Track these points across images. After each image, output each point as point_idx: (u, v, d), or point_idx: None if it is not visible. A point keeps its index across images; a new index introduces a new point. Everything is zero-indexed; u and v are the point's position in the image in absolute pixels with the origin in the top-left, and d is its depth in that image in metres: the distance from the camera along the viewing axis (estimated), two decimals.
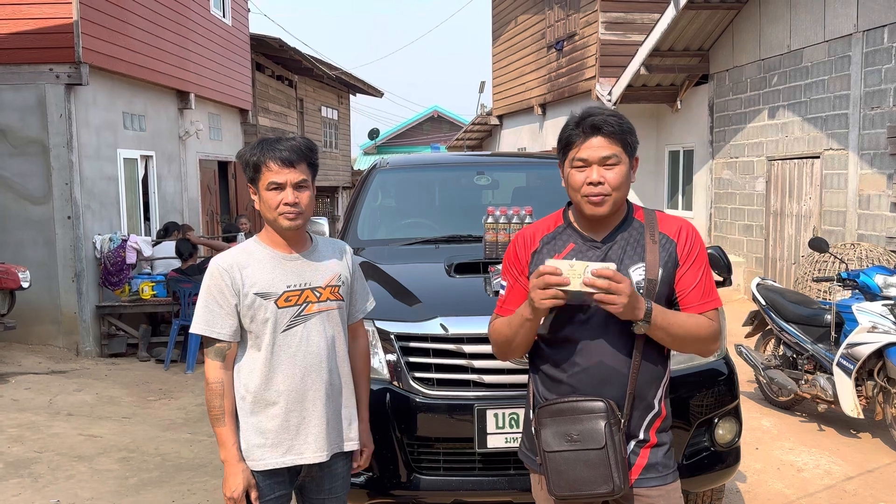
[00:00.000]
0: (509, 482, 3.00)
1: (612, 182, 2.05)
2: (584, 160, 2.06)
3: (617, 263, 2.05)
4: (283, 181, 2.30)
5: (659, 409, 2.13)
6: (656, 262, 2.08)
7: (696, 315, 2.09)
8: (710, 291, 2.12)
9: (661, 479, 2.11)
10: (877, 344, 4.78)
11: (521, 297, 2.16)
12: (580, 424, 2.04)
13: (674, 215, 2.24)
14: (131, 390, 6.74)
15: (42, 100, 7.95)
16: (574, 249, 2.13)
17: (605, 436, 2.01)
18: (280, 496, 2.42)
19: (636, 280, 2.07)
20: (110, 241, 8.40)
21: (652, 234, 2.12)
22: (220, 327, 2.32)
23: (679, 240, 2.12)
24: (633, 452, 2.10)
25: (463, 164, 5.25)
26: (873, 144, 8.01)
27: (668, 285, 2.11)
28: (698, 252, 2.12)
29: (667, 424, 2.16)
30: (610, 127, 2.04)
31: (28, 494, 4.28)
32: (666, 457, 2.14)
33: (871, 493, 4.28)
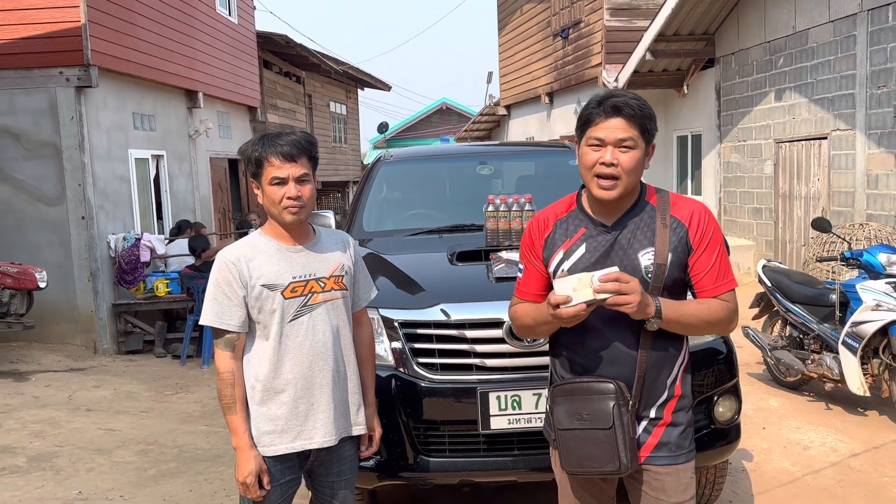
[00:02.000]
0: (513, 462, 3.08)
1: (624, 165, 2.06)
2: (601, 140, 2.07)
3: (626, 248, 2.11)
4: (285, 175, 2.37)
5: (673, 390, 2.15)
6: (666, 246, 2.08)
7: (708, 300, 2.11)
8: (724, 273, 2.12)
9: (671, 459, 2.14)
10: (881, 322, 4.80)
11: (536, 281, 2.24)
12: (590, 404, 2.10)
13: (688, 198, 2.24)
14: (149, 385, 6.88)
15: (53, 103, 8.09)
16: (584, 234, 2.16)
17: (612, 416, 2.06)
18: (290, 480, 2.50)
19: (644, 265, 2.08)
20: (124, 241, 8.54)
21: (663, 218, 2.11)
22: (229, 318, 2.39)
23: (691, 224, 2.11)
24: (646, 430, 2.14)
25: (465, 154, 5.32)
26: (880, 123, 7.99)
27: (680, 269, 2.12)
28: (712, 235, 2.11)
29: (684, 404, 2.18)
30: (630, 110, 2.06)
31: (50, 487, 4.42)
32: (681, 437, 2.16)
33: (877, 469, 4.32)
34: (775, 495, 4.03)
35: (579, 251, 2.15)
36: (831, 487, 4.11)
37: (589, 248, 2.14)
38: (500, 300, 3.16)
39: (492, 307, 3.12)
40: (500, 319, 3.06)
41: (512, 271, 3.37)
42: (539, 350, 3.06)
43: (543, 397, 3.02)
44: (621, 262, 2.10)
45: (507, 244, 3.72)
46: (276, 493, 2.46)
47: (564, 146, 5.26)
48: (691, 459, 2.18)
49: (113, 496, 4.27)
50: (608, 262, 2.10)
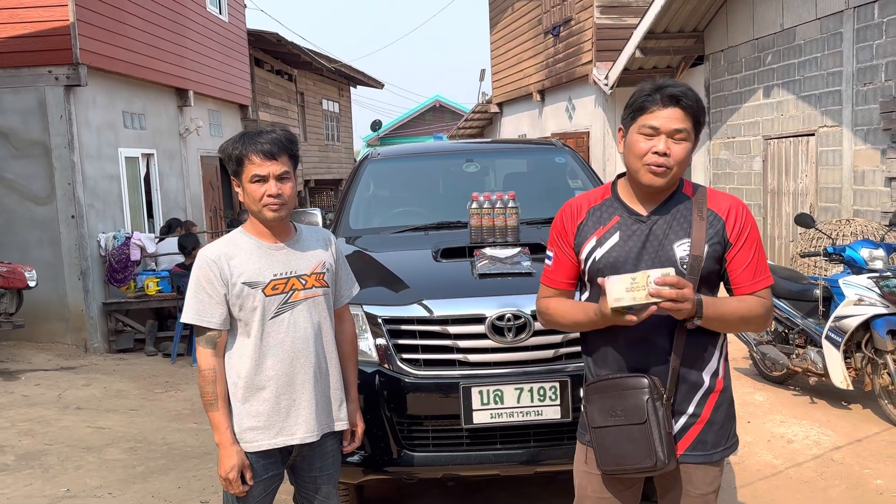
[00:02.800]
0: (496, 456, 3.12)
1: (676, 156, 2.03)
2: (655, 129, 2.03)
3: (661, 238, 2.09)
4: (265, 173, 2.38)
5: (712, 383, 2.11)
6: (702, 238, 2.06)
7: (747, 297, 2.09)
8: (763, 270, 2.10)
9: (706, 457, 2.11)
10: (863, 316, 4.86)
11: (566, 269, 2.21)
12: (624, 400, 2.07)
13: (725, 192, 2.21)
14: (139, 384, 6.90)
15: (42, 102, 8.08)
16: (619, 223, 2.14)
17: (647, 411, 2.03)
18: (273, 476, 2.53)
19: (680, 255, 2.06)
20: (114, 239, 8.55)
21: (700, 211, 2.09)
22: (209, 316, 2.42)
23: (728, 218, 2.09)
24: (683, 428, 2.11)
25: (452, 152, 5.35)
26: (866, 120, 8.04)
27: (716, 262, 2.09)
28: (749, 231, 2.09)
29: (724, 399, 2.14)
30: (688, 101, 2.03)
31: (39, 484, 4.43)
32: (719, 434, 2.12)
33: (858, 461, 4.37)
34: (758, 488, 4.08)
35: (612, 239, 2.13)
36: (813, 480, 4.16)
37: (623, 236, 2.12)
38: (483, 296, 3.21)
39: (474, 303, 3.16)
40: (483, 315, 3.10)
41: (496, 268, 3.41)
42: (521, 345, 3.10)
43: (525, 392, 3.06)
44: (656, 252, 2.09)
45: (490, 241, 3.75)
46: (259, 489, 2.49)
47: (551, 143, 5.30)
48: (726, 456, 2.16)
49: (101, 493, 4.29)
50: (643, 251, 2.09)
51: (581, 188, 4.56)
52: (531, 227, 4.07)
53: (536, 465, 3.13)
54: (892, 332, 4.75)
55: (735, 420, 2.20)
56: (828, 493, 3.99)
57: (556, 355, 3.12)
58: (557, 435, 3.10)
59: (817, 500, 3.92)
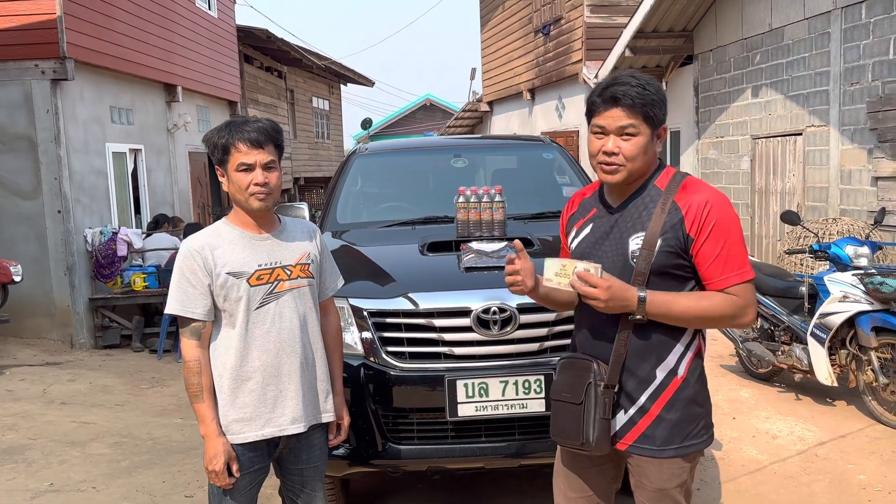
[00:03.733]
0: (481, 449, 3.12)
1: (626, 153, 2.07)
2: (602, 128, 2.10)
3: (622, 231, 2.13)
4: (252, 162, 2.37)
5: (666, 381, 2.10)
6: (657, 232, 2.06)
7: (712, 294, 2.06)
8: (732, 265, 2.05)
9: (655, 452, 2.11)
10: (848, 313, 4.89)
11: (565, 255, 2.34)
12: (572, 379, 2.16)
13: (705, 185, 2.16)
14: (125, 379, 6.86)
15: (28, 96, 8.01)
16: (594, 215, 2.24)
17: (584, 393, 2.11)
18: (259, 468, 2.51)
19: (632, 249, 2.09)
20: (101, 235, 8.49)
21: (664, 203, 2.09)
22: (194, 307, 2.40)
23: (688, 212, 2.06)
24: (631, 419, 2.13)
25: (440, 147, 5.35)
26: (853, 120, 8.09)
27: (674, 256, 2.07)
28: (714, 224, 2.04)
29: (681, 399, 2.10)
30: (629, 99, 2.05)
31: (22, 479, 4.40)
32: (670, 432, 2.10)
33: (842, 456, 4.40)
34: (742, 483, 4.10)
35: (586, 230, 2.23)
36: (797, 475, 4.18)
37: (594, 228, 2.21)
38: (469, 289, 3.20)
39: (460, 296, 3.16)
40: (468, 308, 3.10)
41: (482, 261, 3.40)
42: (506, 339, 3.10)
43: (510, 385, 3.06)
44: (615, 244, 2.13)
45: (477, 235, 3.75)
46: (245, 481, 2.47)
47: (539, 139, 5.30)
48: (682, 455, 2.12)
49: (85, 487, 4.26)
50: (605, 243, 2.16)
51: (568, 184, 4.57)
52: (518, 221, 4.07)
53: (521, 457, 3.13)
54: (876, 328, 4.78)
55: (699, 421, 2.13)
56: (811, 488, 4.01)
57: (542, 348, 3.12)
58: (542, 428, 3.07)
59: (801, 494, 3.95)
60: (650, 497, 2.19)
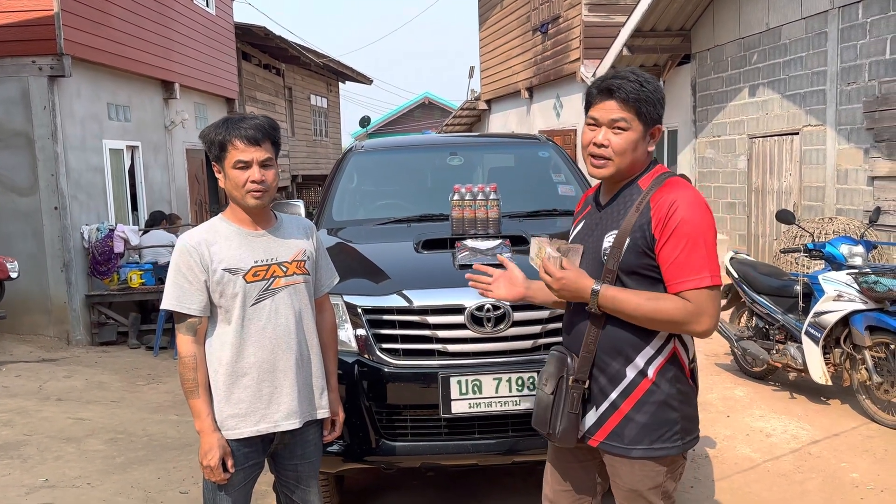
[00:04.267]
0: (474, 446, 3.13)
1: (616, 146, 2.07)
2: (595, 120, 2.11)
3: (602, 228, 2.17)
4: (249, 159, 2.38)
5: (636, 380, 2.08)
6: (627, 231, 2.06)
7: (663, 296, 2.02)
8: (690, 269, 1.99)
9: (624, 450, 2.11)
10: (842, 312, 4.91)
11: None
12: (551, 370, 2.21)
13: (683, 187, 2.11)
14: (120, 376, 6.86)
15: (25, 92, 8.00)
16: (588, 212, 2.30)
17: (555, 384, 2.17)
18: (254, 464, 2.52)
19: (604, 246, 2.11)
20: (97, 231, 8.48)
21: (640, 203, 2.08)
22: (189, 303, 2.41)
23: (656, 212, 2.03)
24: (602, 416, 2.13)
25: (436, 145, 5.35)
26: (850, 120, 8.11)
27: (643, 256, 2.05)
28: (677, 226, 1.99)
29: (651, 400, 2.08)
30: (622, 92, 2.05)
31: (17, 475, 4.40)
32: (639, 432, 2.08)
33: (835, 455, 4.42)
34: (735, 481, 4.11)
35: (579, 226, 2.30)
36: (790, 473, 4.20)
37: (584, 225, 2.28)
38: (463, 287, 3.19)
39: (454, 293, 3.16)
40: (462, 305, 3.10)
41: (476, 259, 3.41)
42: (500, 336, 3.11)
43: (504, 382, 3.07)
44: (594, 241, 2.17)
45: (472, 232, 3.76)
46: (240, 477, 2.48)
47: (535, 138, 5.31)
48: (653, 458, 2.09)
49: (80, 483, 4.26)
50: (589, 240, 2.20)
51: (564, 182, 4.58)
52: (513, 219, 4.08)
53: (514, 454, 3.14)
54: (870, 327, 4.80)
55: (672, 427, 2.08)
56: (804, 486, 4.03)
57: (535, 346, 3.12)
58: None
59: (793, 492, 3.96)
60: (624, 497, 2.20)
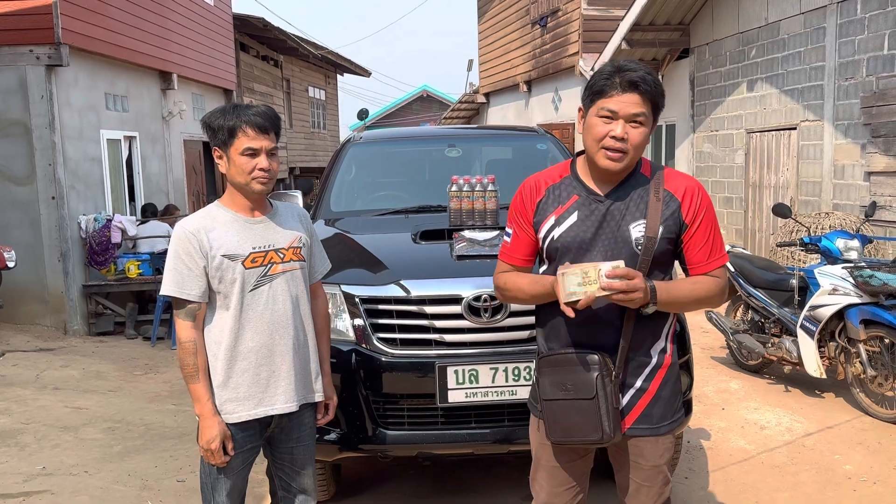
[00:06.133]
0: (470, 435, 3.14)
1: (633, 140, 2.06)
2: (614, 112, 2.05)
3: (618, 219, 2.12)
4: (258, 147, 2.42)
5: (659, 360, 2.17)
6: (657, 219, 2.09)
7: (700, 278, 2.14)
8: (717, 249, 2.15)
9: (653, 430, 2.18)
10: (837, 305, 4.93)
11: (525, 246, 2.24)
12: (574, 375, 2.12)
13: (683, 173, 2.23)
14: (118, 366, 6.87)
15: (23, 81, 7.98)
16: (577, 202, 2.17)
17: (595, 386, 2.09)
18: (251, 448, 2.56)
19: (635, 237, 2.09)
20: (95, 221, 8.47)
21: (657, 192, 2.12)
22: (189, 288, 2.43)
23: (684, 199, 2.12)
24: (630, 402, 2.17)
25: (434, 137, 5.36)
26: (847, 115, 8.12)
27: (669, 243, 2.13)
28: (705, 212, 2.13)
29: (671, 375, 2.20)
30: (647, 86, 2.04)
31: (14, 462, 4.42)
32: (665, 408, 2.18)
33: (829, 447, 4.45)
34: (729, 472, 4.14)
35: (571, 218, 2.16)
36: (784, 465, 4.22)
37: (581, 216, 2.15)
38: (460, 277, 3.23)
39: (451, 284, 3.18)
40: (459, 295, 3.12)
41: (474, 250, 3.43)
42: (496, 326, 3.12)
43: (500, 372, 3.09)
44: (613, 232, 2.12)
45: (469, 223, 3.77)
46: (238, 460, 2.51)
47: (533, 130, 5.32)
48: (673, 429, 2.23)
49: (77, 471, 4.28)
50: (600, 232, 2.12)
51: None
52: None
53: (510, 444, 3.16)
54: (865, 321, 4.82)
55: (681, 395, 2.26)
56: (797, 478, 4.05)
57: (531, 336, 3.13)
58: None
59: (787, 483, 3.99)
60: (646, 476, 2.22)
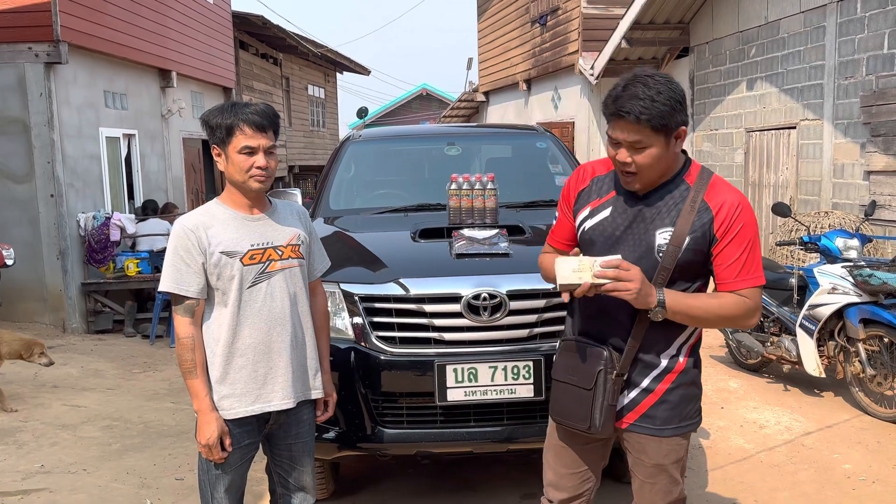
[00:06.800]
0: (469, 434, 3.14)
1: (640, 163, 2.05)
2: (616, 140, 2.08)
3: (647, 222, 2.12)
4: (256, 145, 2.42)
5: (670, 365, 2.16)
6: (686, 230, 2.07)
7: (724, 294, 2.09)
8: (749, 269, 2.08)
9: (655, 431, 2.19)
10: (836, 305, 4.93)
11: (565, 230, 2.33)
12: (581, 363, 2.20)
13: (731, 186, 2.17)
14: (116, 364, 6.86)
15: (22, 79, 7.97)
16: (613, 198, 2.20)
17: (596, 379, 2.16)
18: (249, 444, 2.55)
19: (659, 243, 2.09)
20: (94, 219, 8.47)
21: (693, 201, 2.09)
22: (187, 285, 2.43)
23: (719, 213, 2.07)
24: (634, 400, 2.20)
25: (434, 135, 5.35)
26: (847, 114, 8.12)
27: (699, 255, 2.10)
28: (741, 229, 2.07)
29: (684, 380, 2.18)
30: (633, 116, 2.00)
31: (13, 460, 4.41)
32: (671, 412, 2.17)
33: (828, 446, 4.45)
34: (728, 471, 4.14)
35: (604, 213, 2.19)
36: (783, 464, 4.22)
37: (614, 212, 2.17)
38: (460, 275, 3.22)
39: (451, 282, 3.17)
40: (459, 294, 3.11)
41: (473, 248, 3.42)
42: (496, 325, 3.12)
43: (499, 370, 3.08)
44: (639, 235, 2.13)
45: (469, 222, 3.77)
46: (236, 457, 2.51)
47: (533, 128, 5.31)
48: (680, 434, 2.21)
49: (76, 469, 4.27)
50: (627, 232, 2.14)
51: (561, 173, 4.59)
52: (510, 210, 4.09)
53: (509, 443, 3.16)
54: (864, 320, 4.82)
55: (695, 403, 2.23)
56: (796, 477, 4.05)
57: (531, 335, 3.14)
58: (530, 413, 3.13)
59: (786, 483, 3.99)
60: (648, 473, 2.24)
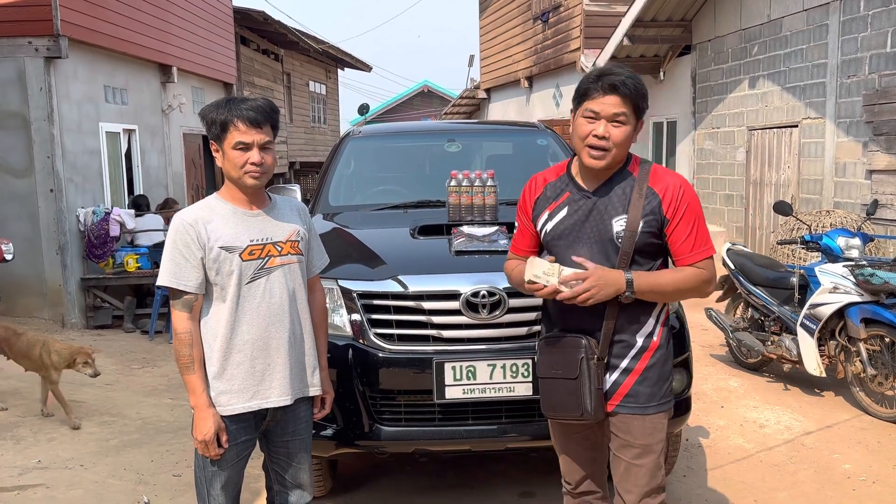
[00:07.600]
0: (467, 431, 3.12)
1: (615, 138, 2.23)
2: (596, 113, 2.23)
3: (602, 213, 2.29)
4: (250, 141, 2.40)
5: (645, 343, 2.30)
6: (638, 215, 2.25)
7: (684, 269, 2.27)
8: (701, 243, 2.28)
9: (640, 409, 2.30)
10: (838, 304, 4.91)
11: (527, 238, 2.48)
12: (563, 356, 2.31)
13: (670, 171, 2.38)
14: (115, 359, 6.85)
15: (22, 73, 7.95)
16: (568, 198, 2.36)
17: (580, 367, 2.27)
18: (246, 441, 2.54)
19: (616, 230, 2.25)
20: (94, 215, 8.45)
21: (640, 189, 2.27)
22: (186, 279, 2.42)
23: (665, 196, 2.26)
24: (616, 382, 2.31)
25: (434, 132, 5.33)
26: (849, 113, 8.09)
27: (652, 236, 2.27)
28: (687, 208, 2.26)
29: (658, 358, 2.32)
30: (626, 89, 2.21)
31: (10, 456, 4.40)
32: (652, 387, 2.30)
33: (828, 446, 4.43)
34: (727, 470, 4.12)
35: (561, 213, 2.35)
36: (782, 464, 4.21)
37: (570, 210, 2.33)
38: (459, 273, 3.21)
39: (449, 279, 3.16)
40: (458, 291, 3.09)
41: (472, 245, 3.40)
42: (495, 322, 3.10)
43: (498, 368, 3.06)
44: (597, 226, 2.29)
45: (468, 219, 3.75)
46: (233, 453, 2.50)
47: (533, 125, 5.29)
48: (662, 411, 2.33)
49: (73, 465, 4.26)
50: (586, 225, 2.30)
51: None
52: (511, 206, 4.05)
53: (508, 440, 3.14)
54: (865, 320, 4.80)
55: (668, 382, 2.36)
56: (796, 477, 4.04)
57: (530, 332, 3.11)
58: (529, 411, 3.10)
59: (785, 482, 3.97)
60: (635, 454, 2.31)
